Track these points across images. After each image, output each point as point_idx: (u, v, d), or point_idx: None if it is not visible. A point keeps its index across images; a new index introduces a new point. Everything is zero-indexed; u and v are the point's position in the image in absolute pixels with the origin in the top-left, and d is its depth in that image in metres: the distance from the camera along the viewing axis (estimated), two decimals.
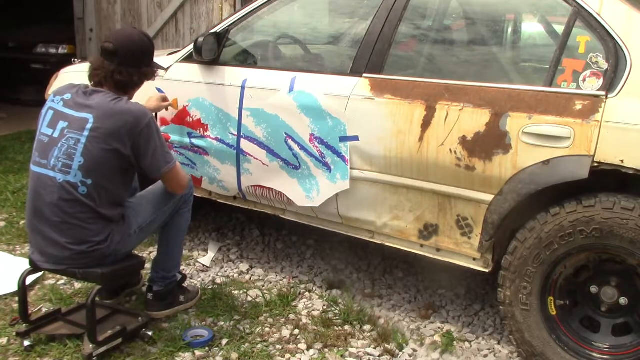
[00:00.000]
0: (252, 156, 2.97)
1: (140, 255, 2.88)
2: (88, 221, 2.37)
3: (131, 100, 2.51)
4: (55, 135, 2.40)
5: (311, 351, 2.57)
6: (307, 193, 2.86)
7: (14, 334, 2.54)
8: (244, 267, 3.32)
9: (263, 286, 3.12)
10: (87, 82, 2.52)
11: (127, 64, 2.45)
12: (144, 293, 2.84)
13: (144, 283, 2.97)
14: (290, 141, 2.83)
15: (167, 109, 3.10)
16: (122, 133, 2.35)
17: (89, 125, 2.35)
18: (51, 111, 2.45)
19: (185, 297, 2.85)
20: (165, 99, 3.04)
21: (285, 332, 2.68)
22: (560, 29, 2.47)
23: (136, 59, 2.49)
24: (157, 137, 2.44)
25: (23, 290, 2.50)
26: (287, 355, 2.53)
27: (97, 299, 2.48)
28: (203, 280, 3.15)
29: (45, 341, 2.53)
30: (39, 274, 3.09)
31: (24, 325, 2.54)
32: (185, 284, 2.94)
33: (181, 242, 2.82)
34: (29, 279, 3.02)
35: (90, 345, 2.39)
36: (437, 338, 2.72)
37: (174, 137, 3.21)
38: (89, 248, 2.38)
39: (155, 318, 2.72)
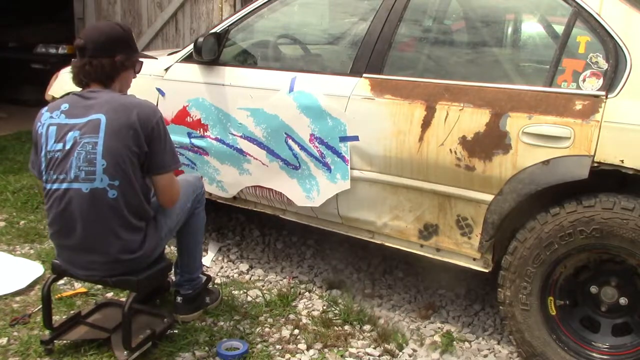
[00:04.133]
0: (252, 156, 2.97)
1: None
2: (120, 228, 2.30)
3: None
4: (68, 147, 2.27)
5: (311, 351, 2.57)
6: (307, 193, 2.85)
7: (40, 341, 2.46)
8: (244, 267, 3.32)
9: (263, 286, 3.12)
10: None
11: (98, 55, 2.34)
12: (169, 296, 2.81)
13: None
14: (290, 141, 2.83)
15: None
16: (135, 126, 2.27)
17: (102, 125, 2.26)
18: (53, 127, 2.31)
19: (210, 298, 2.84)
20: None
21: (285, 332, 2.68)
22: (560, 29, 2.47)
23: (106, 48, 2.36)
24: (168, 134, 2.41)
25: (47, 299, 2.46)
26: (287, 355, 2.53)
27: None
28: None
29: (68, 345, 2.50)
30: (38, 274, 3.09)
31: (47, 332, 2.49)
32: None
33: (201, 242, 2.81)
34: (28, 280, 3.04)
35: (125, 352, 2.36)
36: (437, 338, 2.72)
37: (174, 137, 3.15)
38: (123, 256, 2.32)
39: (185, 321, 2.69)
